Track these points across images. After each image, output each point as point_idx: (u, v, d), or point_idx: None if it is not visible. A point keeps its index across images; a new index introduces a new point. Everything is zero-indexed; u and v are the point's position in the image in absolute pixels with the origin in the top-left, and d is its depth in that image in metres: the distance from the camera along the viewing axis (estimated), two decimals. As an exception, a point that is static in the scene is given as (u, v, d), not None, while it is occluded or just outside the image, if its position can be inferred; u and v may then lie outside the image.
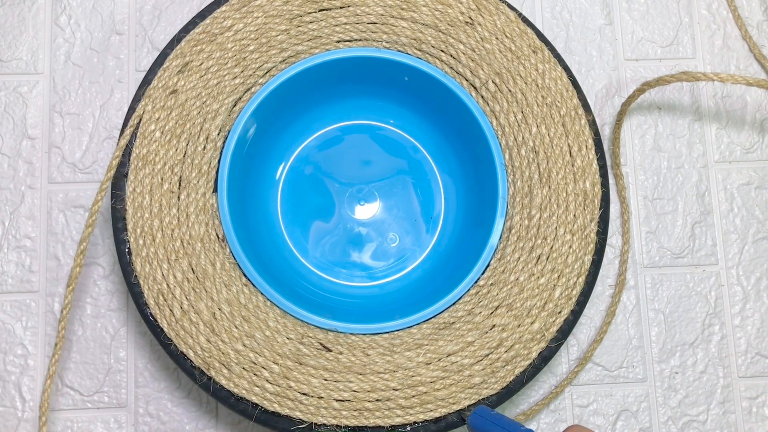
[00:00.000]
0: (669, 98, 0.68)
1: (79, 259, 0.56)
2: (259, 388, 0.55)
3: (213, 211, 0.57)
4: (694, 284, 0.65)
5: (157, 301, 0.55)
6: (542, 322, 0.56)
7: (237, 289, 0.56)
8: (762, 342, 0.65)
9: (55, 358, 0.57)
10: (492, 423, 0.51)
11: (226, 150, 0.58)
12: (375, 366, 0.55)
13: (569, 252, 0.58)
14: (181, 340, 0.55)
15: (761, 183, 0.67)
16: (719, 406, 0.64)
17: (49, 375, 0.57)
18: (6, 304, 0.62)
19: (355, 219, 0.64)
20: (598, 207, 0.58)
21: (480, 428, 0.52)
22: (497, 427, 0.51)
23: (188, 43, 0.59)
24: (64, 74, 0.65)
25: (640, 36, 0.69)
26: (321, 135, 0.65)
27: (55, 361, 0.57)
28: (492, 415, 0.52)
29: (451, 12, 0.60)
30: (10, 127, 0.64)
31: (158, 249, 0.56)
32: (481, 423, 0.52)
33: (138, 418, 0.61)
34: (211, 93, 0.59)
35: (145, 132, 0.57)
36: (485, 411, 0.53)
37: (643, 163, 0.67)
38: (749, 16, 0.69)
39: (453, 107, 0.61)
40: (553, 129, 0.59)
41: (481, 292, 0.57)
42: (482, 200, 0.61)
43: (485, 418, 0.52)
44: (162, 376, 0.61)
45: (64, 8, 0.66)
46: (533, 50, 0.60)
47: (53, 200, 0.63)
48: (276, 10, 0.60)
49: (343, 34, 0.60)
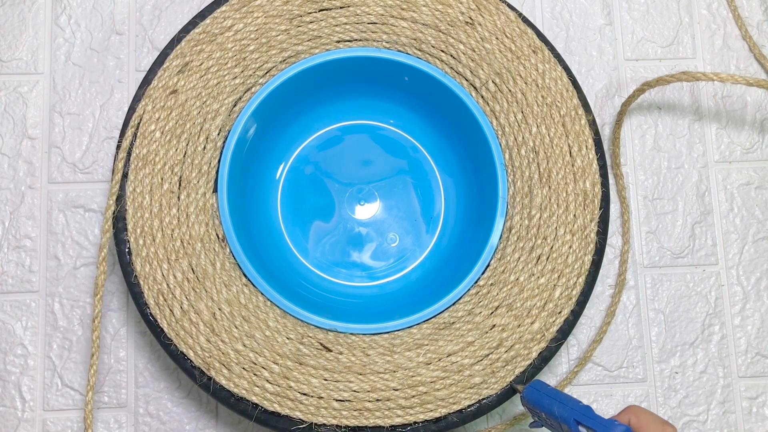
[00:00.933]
0: (669, 98, 0.68)
1: (102, 266, 0.57)
2: (259, 388, 0.54)
3: (213, 211, 0.57)
4: (694, 284, 0.65)
5: (157, 301, 0.55)
6: (542, 322, 0.56)
7: (237, 289, 0.56)
8: (762, 342, 0.65)
9: (94, 370, 0.57)
10: (548, 397, 0.51)
11: (226, 150, 0.58)
12: (375, 366, 0.55)
13: (569, 252, 0.57)
14: (181, 340, 0.55)
15: (761, 183, 0.67)
16: (719, 406, 0.64)
17: (90, 387, 0.57)
18: (6, 304, 0.62)
19: (355, 219, 0.64)
20: (598, 207, 0.58)
21: (535, 402, 0.52)
22: (554, 401, 0.50)
23: (188, 43, 0.59)
24: (64, 74, 0.65)
25: (640, 36, 0.69)
26: (321, 135, 0.65)
27: (93, 373, 0.57)
28: (548, 390, 0.52)
29: (451, 12, 0.60)
30: (10, 127, 0.64)
31: (158, 249, 0.56)
32: (537, 396, 0.52)
33: (138, 418, 0.61)
34: (211, 93, 0.59)
35: (145, 132, 0.57)
36: (541, 384, 0.53)
37: (643, 163, 0.67)
38: (749, 16, 0.69)
39: (453, 107, 0.61)
40: (553, 129, 0.59)
41: (481, 292, 0.57)
42: (482, 200, 0.61)
43: (541, 391, 0.52)
44: (162, 376, 0.61)
45: (64, 8, 0.66)
46: (533, 50, 0.60)
47: (53, 200, 0.63)
48: (276, 10, 0.60)
49: (343, 34, 0.60)
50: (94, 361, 0.57)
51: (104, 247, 0.56)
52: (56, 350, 0.61)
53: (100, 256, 0.56)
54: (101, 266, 0.56)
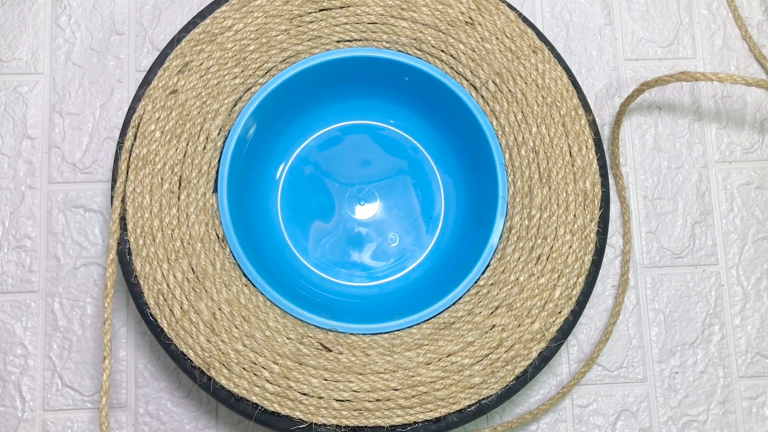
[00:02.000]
0: (669, 98, 0.68)
1: (111, 268, 0.56)
2: (259, 388, 0.54)
3: (213, 211, 0.57)
4: (694, 284, 0.65)
5: (157, 301, 0.55)
6: (542, 322, 0.56)
7: (237, 289, 0.56)
8: (762, 342, 0.65)
9: (106, 374, 0.57)
10: None
11: (226, 150, 0.58)
12: (375, 366, 0.55)
13: (569, 252, 0.58)
14: (181, 340, 0.55)
15: (761, 183, 0.67)
16: (719, 406, 0.64)
17: (104, 390, 0.57)
18: (6, 304, 0.62)
19: (355, 219, 0.64)
20: (598, 207, 0.58)
21: None
22: None
23: (188, 43, 0.59)
24: (64, 74, 0.65)
25: (640, 36, 0.69)
26: (321, 135, 0.65)
27: (106, 378, 0.57)
28: None
29: (451, 12, 0.60)
30: (10, 127, 0.64)
31: (158, 249, 0.56)
32: None
33: (138, 418, 0.61)
34: (211, 93, 0.59)
35: (145, 132, 0.57)
36: None
37: (643, 163, 0.67)
38: (749, 16, 0.69)
39: (453, 107, 0.61)
40: (553, 129, 0.59)
41: (481, 292, 0.57)
42: (482, 200, 0.61)
43: None
44: (162, 376, 0.61)
45: (64, 8, 0.66)
46: (533, 50, 0.60)
47: (53, 200, 0.63)
48: (276, 10, 0.60)
49: (343, 34, 0.60)
50: (107, 366, 0.57)
51: (112, 249, 0.56)
52: (56, 350, 0.61)
53: (109, 258, 0.56)
54: (110, 268, 0.56)
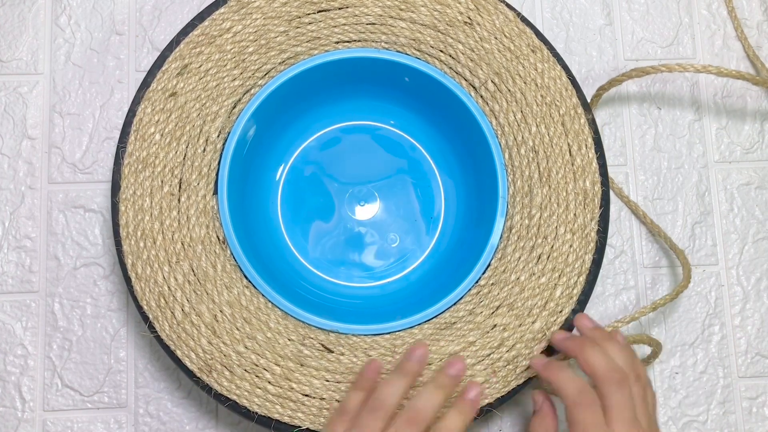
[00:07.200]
0: (669, 98, 0.68)
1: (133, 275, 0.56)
2: (260, 389, 0.55)
3: (213, 213, 0.57)
4: (694, 284, 0.65)
5: (158, 303, 0.55)
6: (543, 322, 0.56)
7: (238, 291, 0.56)
8: (762, 342, 0.65)
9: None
10: None
11: (226, 152, 0.58)
12: (376, 367, 0.55)
13: (570, 251, 0.58)
14: (182, 342, 0.55)
15: (761, 183, 0.67)
16: (719, 407, 0.64)
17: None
18: (6, 304, 0.62)
19: (355, 219, 0.64)
20: (599, 206, 0.58)
21: None
22: None
23: (187, 45, 0.59)
24: (64, 74, 0.65)
25: (640, 36, 0.69)
26: (321, 136, 0.65)
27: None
28: None
29: (450, 12, 0.60)
30: (10, 127, 0.64)
31: (159, 252, 0.56)
32: None
33: (138, 419, 0.61)
34: (210, 95, 0.59)
35: (145, 134, 0.57)
36: None
37: (643, 163, 0.67)
38: (749, 16, 0.69)
39: (452, 107, 0.61)
40: (552, 128, 0.59)
41: (482, 292, 0.57)
42: (482, 200, 0.61)
43: None
44: (162, 376, 0.61)
45: (64, 8, 0.66)
46: (532, 49, 0.60)
47: (53, 200, 0.63)
48: (275, 11, 0.60)
49: (342, 35, 0.60)
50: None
51: (128, 255, 0.56)
52: (56, 350, 0.61)
53: (128, 263, 0.56)
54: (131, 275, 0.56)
